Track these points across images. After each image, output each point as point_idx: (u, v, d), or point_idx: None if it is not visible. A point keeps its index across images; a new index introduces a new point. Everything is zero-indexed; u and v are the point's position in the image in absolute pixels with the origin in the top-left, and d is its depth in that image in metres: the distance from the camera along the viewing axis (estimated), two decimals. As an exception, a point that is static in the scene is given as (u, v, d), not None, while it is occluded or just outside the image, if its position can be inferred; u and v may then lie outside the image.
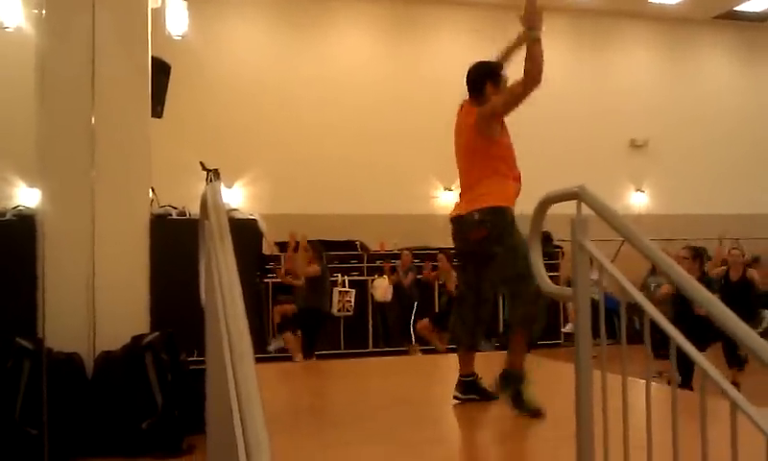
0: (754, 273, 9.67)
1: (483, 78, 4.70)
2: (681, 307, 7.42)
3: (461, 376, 4.75)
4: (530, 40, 4.35)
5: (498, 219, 4.44)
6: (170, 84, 12.72)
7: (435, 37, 16.22)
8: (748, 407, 1.89)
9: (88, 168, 4.39)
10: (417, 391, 6.07)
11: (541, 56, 4.35)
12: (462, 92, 4.90)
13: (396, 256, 13.93)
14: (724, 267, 10.34)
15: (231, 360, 1.65)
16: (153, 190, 4.57)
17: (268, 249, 9.42)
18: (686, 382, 6.71)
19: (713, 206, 16.71)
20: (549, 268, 13.51)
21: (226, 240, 2.11)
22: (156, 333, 4.19)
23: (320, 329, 9.08)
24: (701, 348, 6.95)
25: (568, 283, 2.84)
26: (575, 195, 2.74)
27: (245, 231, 4.19)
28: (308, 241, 9.41)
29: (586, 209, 2.88)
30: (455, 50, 16.15)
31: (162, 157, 13.51)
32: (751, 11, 17.17)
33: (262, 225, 4.25)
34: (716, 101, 17.54)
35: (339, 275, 13.92)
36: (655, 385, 5.28)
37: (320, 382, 7.13)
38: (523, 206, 4.96)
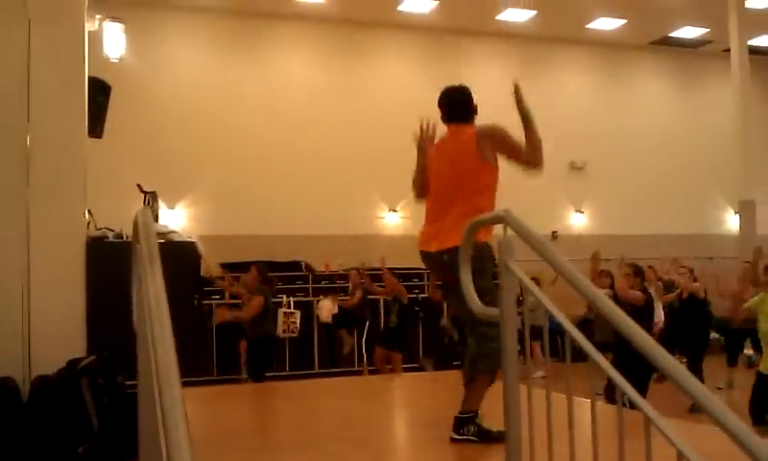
0: (697, 287, 9.92)
1: (470, 103, 4.71)
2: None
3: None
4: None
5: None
6: (113, 106, 12.59)
7: (379, 60, 16.38)
8: (659, 421, 1.98)
9: (23, 189, 4.34)
10: (361, 412, 6.09)
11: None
12: (405, 114, 4.93)
13: (342, 277, 13.92)
14: (677, 291, 10.48)
15: (158, 384, 1.67)
16: (89, 212, 4.53)
17: (207, 271, 9.33)
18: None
19: (650, 227, 17.16)
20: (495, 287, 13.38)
21: (155, 264, 2.13)
22: (93, 357, 4.15)
23: (270, 354, 9.00)
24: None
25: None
26: (501, 219, 2.83)
27: (183, 254, 4.18)
28: (255, 264, 9.32)
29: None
30: (400, 73, 16.35)
31: (105, 179, 13.43)
32: (685, 37, 17.73)
33: (200, 247, 4.24)
34: (652, 124, 18.05)
35: (284, 296, 13.84)
36: (604, 405, 5.40)
37: (264, 404, 7.09)
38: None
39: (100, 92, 8.75)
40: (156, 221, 4.91)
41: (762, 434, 5.91)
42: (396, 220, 15.90)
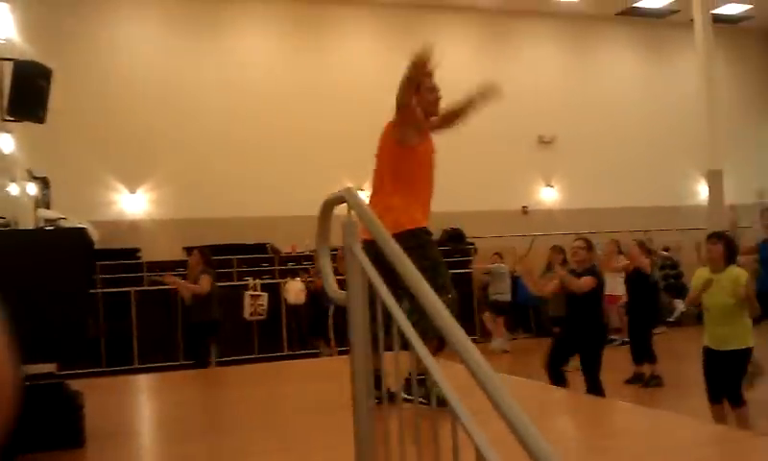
0: (643, 261, 9.80)
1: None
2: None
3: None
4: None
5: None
6: (69, 90, 12.37)
7: (340, 37, 16.14)
8: (464, 417, 1.85)
9: None
10: (326, 395, 6.00)
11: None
12: (367, 89, 5.07)
13: (309, 259, 13.83)
14: (625, 263, 10.46)
15: None
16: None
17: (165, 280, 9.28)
18: (595, 387, 6.76)
19: (620, 200, 17.07)
20: (461, 265, 13.59)
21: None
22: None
23: (210, 339, 8.91)
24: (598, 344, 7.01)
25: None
26: (343, 198, 2.71)
27: (70, 241, 4.03)
28: (197, 249, 9.23)
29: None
30: (361, 50, 16.14)
31: (64, 165, 13.25)
32: (651, 7, 17.58)
33: (93, 233, 4.10)
34: (620, 96, 17.91)
35: (250, 278, 13.78)
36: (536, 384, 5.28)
37: (226, 390, 6.99)
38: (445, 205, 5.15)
39: (40, 76, 8.57)
40: (48, 208, 4.78)
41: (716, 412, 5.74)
42: (363, 199, 15.71)
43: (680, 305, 15.76)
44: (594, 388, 6.66)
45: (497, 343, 13.38)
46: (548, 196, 17.30)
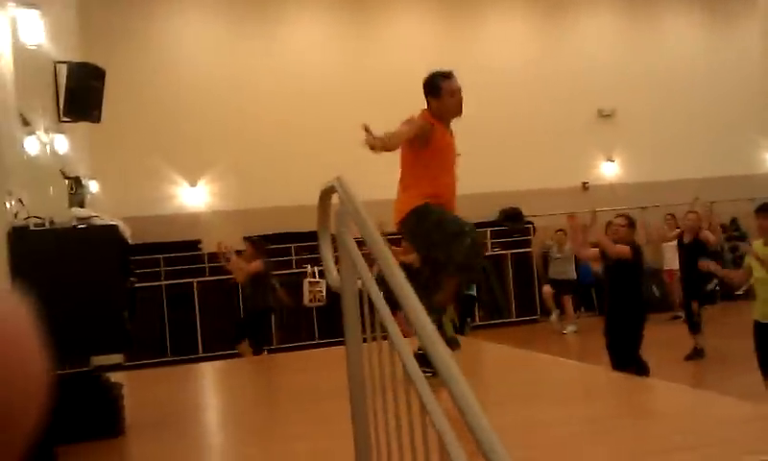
0: (707, 234, 9.54)
1: (425, 93, 5.04)
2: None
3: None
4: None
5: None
6: (127, 86, 12.62)
7: (392, 25, 16.08)
8: (434, 408, 1.85)
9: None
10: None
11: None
12: (420, 77, 5.15)
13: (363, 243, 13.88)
14: (677, 230, 10.34)
15: None
16: (20, 201, 4.53)
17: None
18: (628, 363, 6.62)
19: (685, 171, 16.57)
20: (522, 244, 13.49)
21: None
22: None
23: (264, 326, 9.08)
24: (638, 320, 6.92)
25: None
26: (333, 189, 2.71)
27: (102, 237, 4.16)
28: (249, 238, 9.39)
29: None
30: (413, 38, 16.04)
31: (123, 162, 13.59)
32: (712, -30, 16.97)
33: (125, 229, 4.22)
34: (680, 64, 17.35)
35: (308, 266, 13.91)
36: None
37: (279, 376, 7.12)
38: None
39: (93, 77, 8.84)
40: (82, 206, 4.92)
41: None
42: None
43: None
44: (635, 366, 6.52)
45: (570, 327, 12.98)
46: (609, 171, 16.94)
